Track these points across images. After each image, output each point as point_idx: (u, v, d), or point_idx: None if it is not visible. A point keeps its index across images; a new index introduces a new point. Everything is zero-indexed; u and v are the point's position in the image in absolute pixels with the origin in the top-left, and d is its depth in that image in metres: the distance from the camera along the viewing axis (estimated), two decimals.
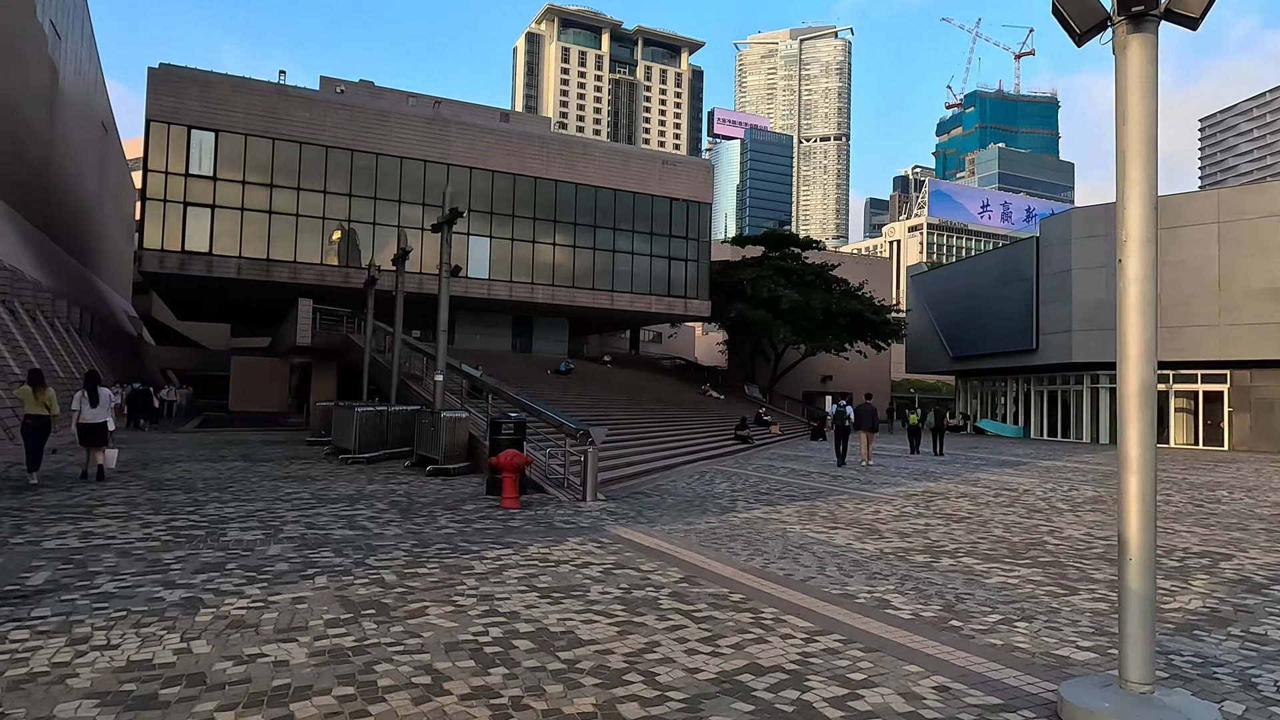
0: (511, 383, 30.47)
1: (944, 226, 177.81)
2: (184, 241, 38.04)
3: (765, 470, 18.13)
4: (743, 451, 24.53)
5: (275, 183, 39.41)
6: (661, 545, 8.10)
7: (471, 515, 9.70)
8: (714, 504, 11.79)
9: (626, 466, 16.24)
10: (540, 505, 10.76)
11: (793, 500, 12.56)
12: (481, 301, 44.14)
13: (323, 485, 12.33)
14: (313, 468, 15.07)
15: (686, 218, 48.19)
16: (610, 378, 40.00)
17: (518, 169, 43.77)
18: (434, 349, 24.37)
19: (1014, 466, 21.41)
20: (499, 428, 11.49)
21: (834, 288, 52.19)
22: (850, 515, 10.97)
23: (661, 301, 47.37)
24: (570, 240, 45.30)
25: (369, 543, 7.76)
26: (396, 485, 12.57)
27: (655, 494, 12.82)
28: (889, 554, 8.13)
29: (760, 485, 14.72)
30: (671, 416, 29.32)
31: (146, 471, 13.79)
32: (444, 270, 16.74)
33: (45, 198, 46.30)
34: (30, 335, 27.20)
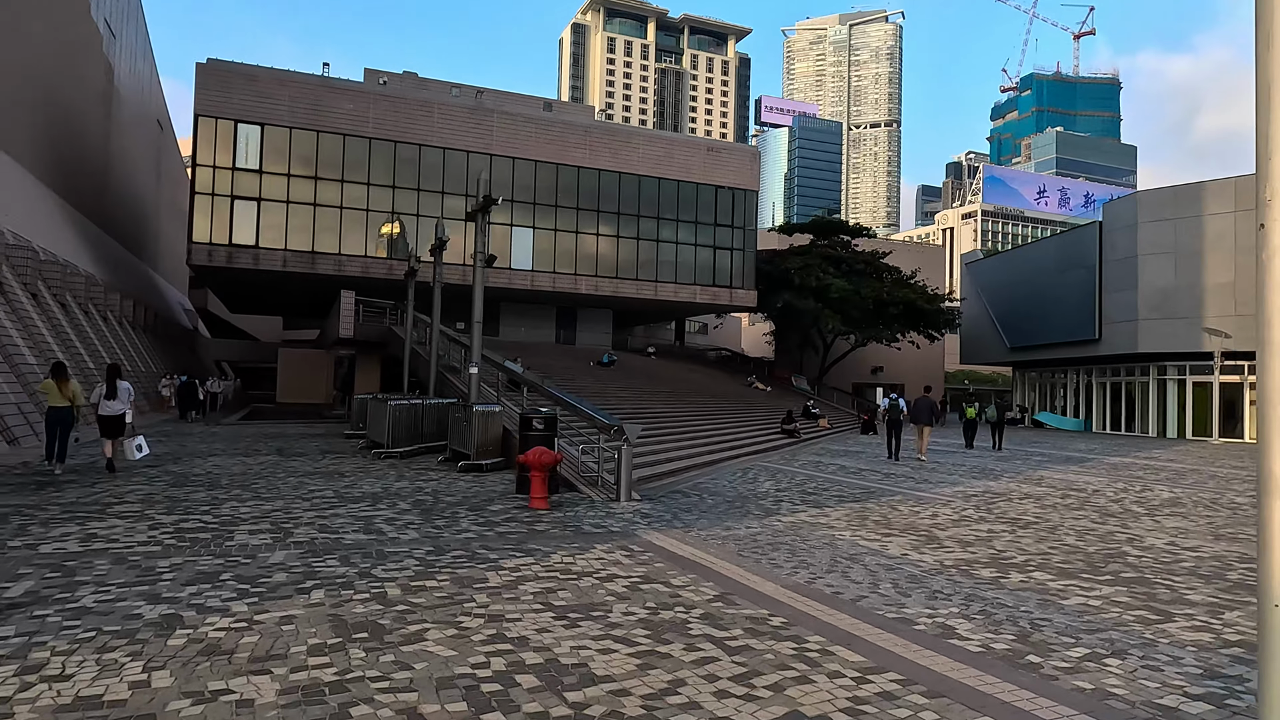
0: (553, 375, 30.02)
1: (999, 213, 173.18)
2: (231, 234, 38.40)
3: (813, 467, 17.29)
4: (789, 446, 23.68)
5: (320, 175, 39.52)
6: (696, 555, 7.40)
7: (496, 517, 9.13)
8: (756, 505, 11.05)
9: (666, 463, 15.56)
10: (571, 506, 10.14)
11: (842, 501, 11.75)
12: (524, 293, 43.82)
13: (349, 482, 11.90)
14: (344, 463, 14.70)
15: (732, 205, 47.22)
16: (653, 370, 39.35)
17: (560, 158, 43.28)
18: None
19: (1079, 463, 20.20)
20: (529, 423, 10.90)
21: (885, 276, 50.74)
22: (905, 520, 10.14)
23: (706, 291, 46.53)
24: (613, 230, 44.70)
25: (381, 549, 7.22)
26: (425, 482, 12.08)
27: (694, 493, 12.12)
28: (950, 567, 7.31)
29: (807, 484, 13.92)
30: (715, 410, 28.56)
31: (176, 466, 13.55)
32: (479, 260, 16.22)
33: (102, 194, 47.25)
34: (81, 328, 27.54)
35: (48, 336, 22.72)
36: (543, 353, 37.82)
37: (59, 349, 23.25)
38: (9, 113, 31.51)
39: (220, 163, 38.14)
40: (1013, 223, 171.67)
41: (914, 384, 65.50)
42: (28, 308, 22.42)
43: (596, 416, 11.41)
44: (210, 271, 41.01)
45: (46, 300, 24.88)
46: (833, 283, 46.49)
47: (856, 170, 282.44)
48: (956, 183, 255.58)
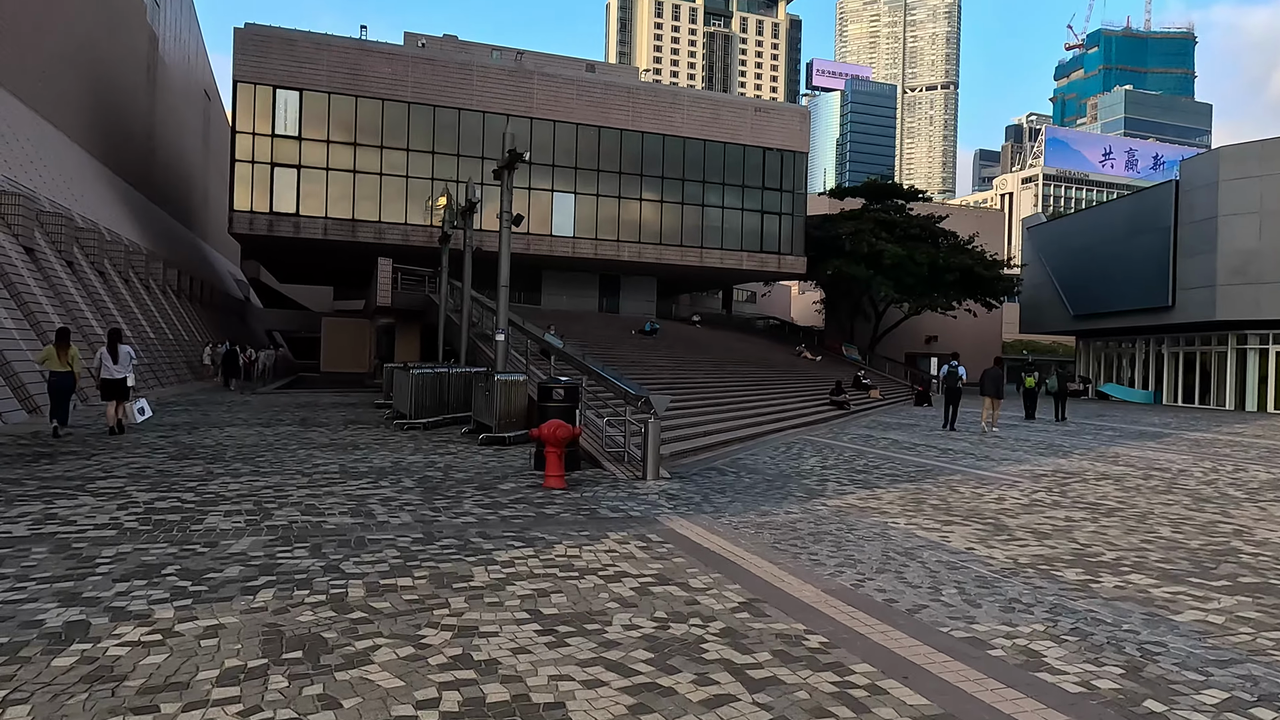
0: (592, 344, 29.11)
1: (1061, 177, 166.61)
2: (272, 202, 38.14)
3: (863, 441, 16.07)
4: (839, 419, 22.42)
5: (359, 141, 38.95)
6: (724, 547, 6.36)
7: (505, 497, 8.20)
8: (799, 485, 9.95)
9: (704, 436, 14.51)
10: (591, 485, 9.18)
11: (895, 481, 10.58)
12: (566, 260, 42.90)
13: (360, 456, 11.11)
14: (364, 434, 13.97)
15: (781, 168, 45.48)
16: (698, 338, 38.20)
17: (602, 121, 42.01)
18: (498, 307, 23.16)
19: (1156, 439, 18.59)
20: (548, 393, 9.94)
21: (941, 241, 48.58)
22: (968, 504, 8.95)
23: (754, 258, 45.06)
24: (657, 195, 43.39)
25: (364, 535, 6.33)
26: (441, 456, 11.23)
27: (731, 471, 11.06)
28: (1026, 566, 6.15)
29: (856, 460, 12.75)
30: (761, 380, 27.35)
31: (188, 436, 12.94)
32: (504, 220, 15.25)
33: (148, 162, 47.46)
34: (120, 296, 27.42)
35: (80, 304, 22.50)
36: (585, 321, 36.94)
37: (92, 316, 23.04)
38: (52, 81, 31.42)
39: (260, 129, 37.79)
40: (1076, 187, 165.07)
41: (970, 354, 63.04)
42: (60, 275, 22.18)
43: (622, 387, 10.40)
44: (252, 240, 40.91)
45: (83, 267, 24.70)
46: (886, 248, 44.57)
47: (911, 135, 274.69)
48: (1016, 146, 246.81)
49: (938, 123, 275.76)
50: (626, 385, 10.35)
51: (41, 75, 29.52)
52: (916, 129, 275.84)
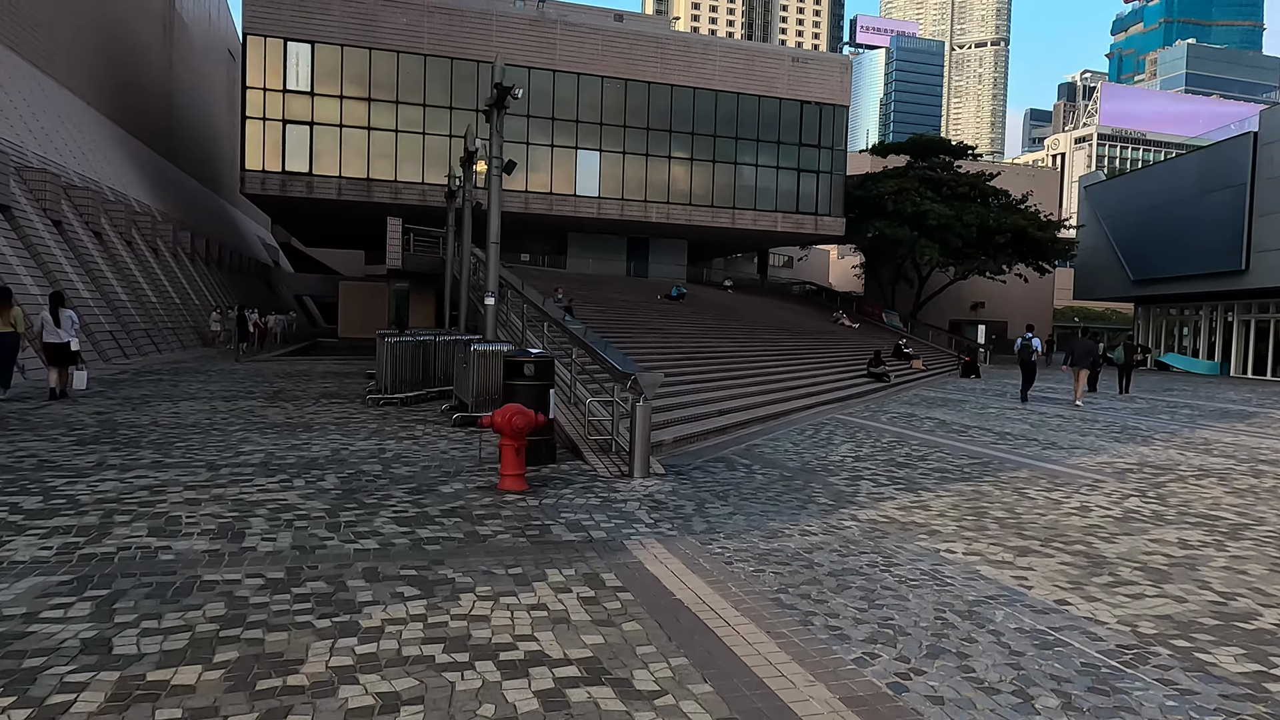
0: (613, 309, 27.22)
1: (1117, 136, 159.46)
2: (284, 162, 36.59)
3: (905, 421, 13.98)
4: (877, 393, 20.27)
5: (374, 96, 37.13)
6: (704, 601, 4.44)
7: (440, 505, 6.36)
8: (823, 486, 7.96)
9: (719, 416, 12.56)
10: (560, 485, 7.31)
11: (945, 478, 8.55)
12: (591, 222, 40.87)
13: (304, 440, 9.37)
14: (330, 411, 12.26)
15: (819, 123, 42.71)
16: (728, 304, 36.05)
17: (629, 73, 39.61)
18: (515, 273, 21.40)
19: (1243, 419, 16.21)
20: (516, 368, 8.05)
21: (991, 201, 45.54)
22: (1044, 516, 6.90)
23: (789, 220, 42.56)
24: (687, 152, 41.00)
25: (200, 574, 4.53)
26: (398, 441, 9.44)
27: (743, 462, 9.12)
28: (1153, 640, 4.14)
29: (897, 448, 10.70)
30: (793, 349, 25.22)
31: (128, 411, 11.33)
32: (494, 167, 13.30)
33: (168, 124, 46.21)
34: (118, 259, 26.10)
35: (65, 265, 21.12)
36: (609, 286, 34.98)
37: (78, 279, 21.67)
38: (60, 37, 30.05)
39: (271, 85, 36.16)
40: (1133, 146, 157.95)
41: (1018, 321, 59.90)
42: (43, 234, 20.79)
43: (609, 360, 8.46)
44: (265, 201, 39.49)
45: (73, 227, 23.33)
46: (931, 208, 41.76)
47: (958, 94, 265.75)
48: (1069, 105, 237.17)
49: (987, 81, 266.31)
50: (613, 359, 8.42)
51: (41, 26, 28.12)
52: (964, 87, 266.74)
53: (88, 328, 20.41)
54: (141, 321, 25.02)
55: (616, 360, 8.39)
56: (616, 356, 8.65)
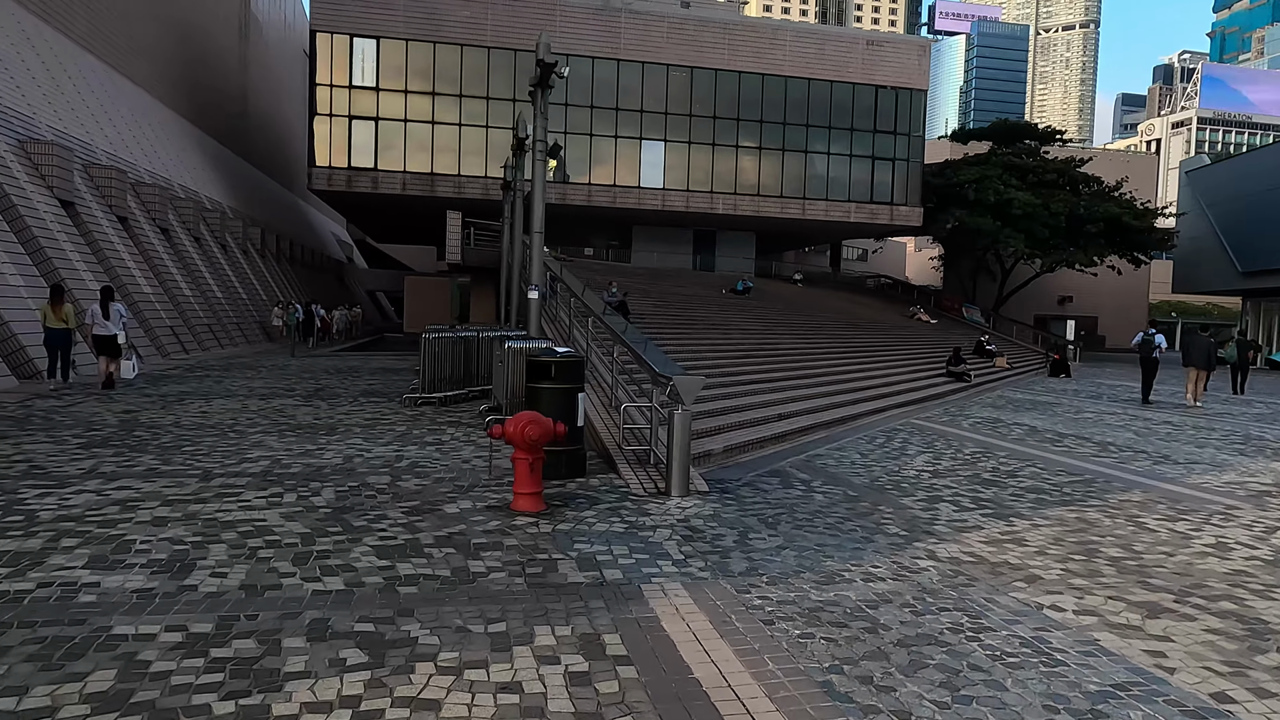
0: (674, 303, 26.20)
1: (1219, 120, 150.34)
2: (350, 157, 36.70)
3: (989, 428, 12.57)
4: (958, 394, 18.73)
5: (437, 90, 36.90)
6: (730, 676, 3.38)
7: (437, 530, 5.45)
8: (894, 509, 6.79)
9: (778, 421, 11.41)
10: (585, 504, 6.33)
11: (1042, 501, 7.27)
12: (655, 214, 39.85)
13: (321, 445, 8.65)
14: (364, 411, 11.58)
15: (895, 109, 40.72)
16: (797, 298, 34.59)
17: (695, 61, 38.42)
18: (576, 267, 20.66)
19: None
20: (541, 369, 7.10)
21: (1082, 188, 42.76)
22: (1170, 557, 5.60)
23: (863, 210, 40.72)
24: (755, 141, 39.59)
25: (96, 627, 3.71)
26: (419, 448, 8.63)
27: (801, 478, 7.99)
28: None
29: (981, 461, 9.39)
30: (865, 346, 23.76)
31: (156, 409, 10.85)
32: (538, 151, 12.45)
33: (243, 123, 47.09)
34: (184, 254, 26.32)
35: (127, 260, 21.20)
36: (672, 279, 33.92)
37: (139, 273, 21.76)
38: (135, 37, 30.62)
39: (337, 81, 36.27)
40: (1237, 130, 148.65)
41: (1111, 317, 56.57)
42: (106, 229, 20.90)
43: (647, 362, 7.45)
44: (332, 196, 39.77)
45: (139, 222, 23.51)
46: (1016, 196, 39.38)
47: (1044, 80, 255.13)
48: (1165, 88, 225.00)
49: (1075, 65, 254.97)
50: (652, 359, 7.39)
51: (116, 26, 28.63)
52: (1050, 73, 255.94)
53: (146, 322, 20.45)
54: (204, 316, 25.13)
55: (656, 361, 7.37)
56: (656, 356, 7.62)
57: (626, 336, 8.61)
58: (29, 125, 19.76)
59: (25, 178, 18.13)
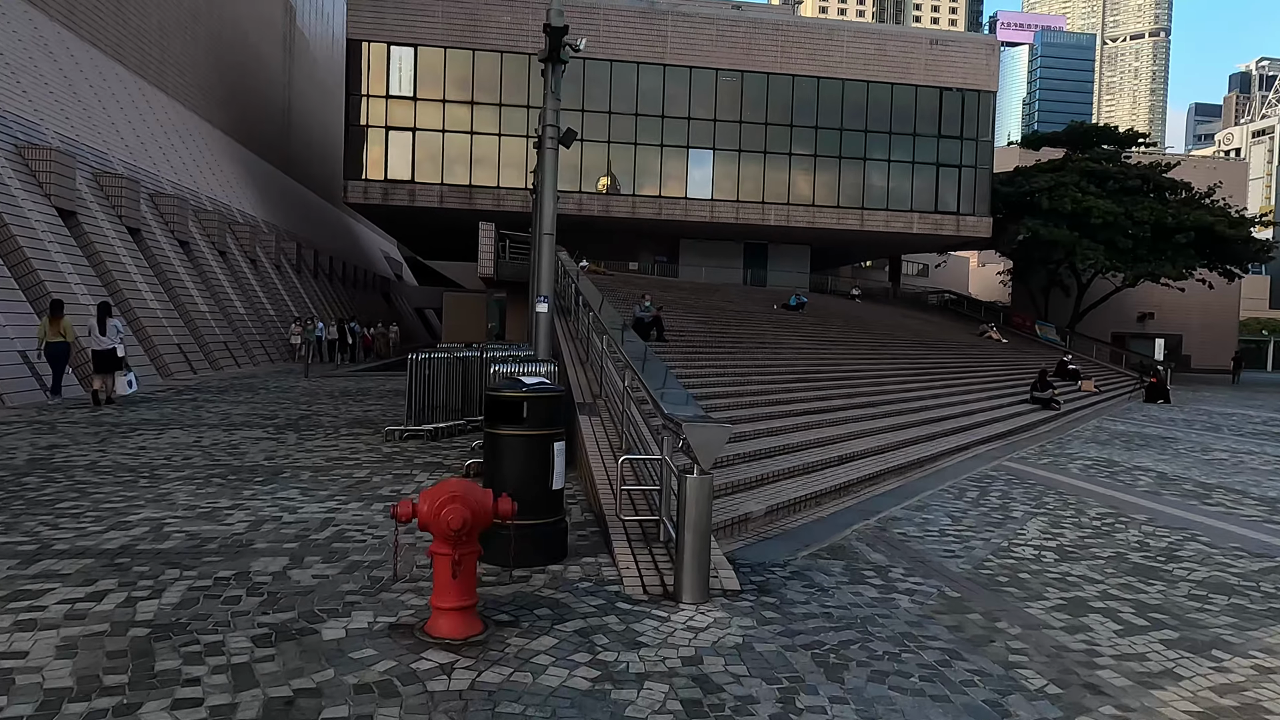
0: (719, 319, 23.95)
1: None
2: (387, 170, 35.44)
3: (1107, 475, 10.04)
4: (1047, 423, 16.10)
5: (476, 99, 35.45)
6: None
7: (274, 688, 3.35)
8: (1022, 629, 4.46)
9: (840, 465, 9.11)
10: (547, 620, 4.15)
11: (1242, 610, 4.87)
12: (704, 227, 37.70)
13: (241, 500, 6.67)
14: (335, 447, 9.63)
15: (962, 112, 37.97)
16: (854, 314, 32.02)
17: (746, 64, 36.31)
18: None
19: None
20: (504, 409, 4.99)
21: (1168, 195, 39.33)
22: None
23: (926, 220, 37.96)
24: (810, 149, 37.22)
25: None
26: (363, 506, 6.56)
27: (874, 559, 5.71)
28: None
29: (1118, 529, 6.97)
30: (935, 368, 21.19)
31: (97, 442, 9.06)
32: (548, 135, 10.45)
33: (285, 138, 46.51)
34: (206, 268, 25.08)
35: (133, 274, 19.85)
36: (720, 293, 31.67)
37: (147, 290, 20.40)
38: (171, 51, 29.84)
39: (374, 91, 35.11)
40: None
41: (1196, 335, 52.40)
42: (111, 240, 19.58)
43: (655, 399, 5.28)
44: (369, 210, 38.60)
45: (154, 235, 22.25)
46: (1095, 204, 36.24)
47: (1111, 91, 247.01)
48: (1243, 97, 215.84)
49: (1144, 75, 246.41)
50: (666, 394, 5.22)
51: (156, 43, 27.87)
52: (1118, 84, 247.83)
53: (150, 339, 19.03)
54: (222, 333, 23.74)
55: (671, 398, 5.19)
56: (673, 391, 5.44)
57: (639, 361, 6.45)
58: (31, 131, 18.56)
59: (18, 184, 16.85)
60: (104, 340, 13.09)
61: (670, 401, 5.08)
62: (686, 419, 4.46)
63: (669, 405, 4.97)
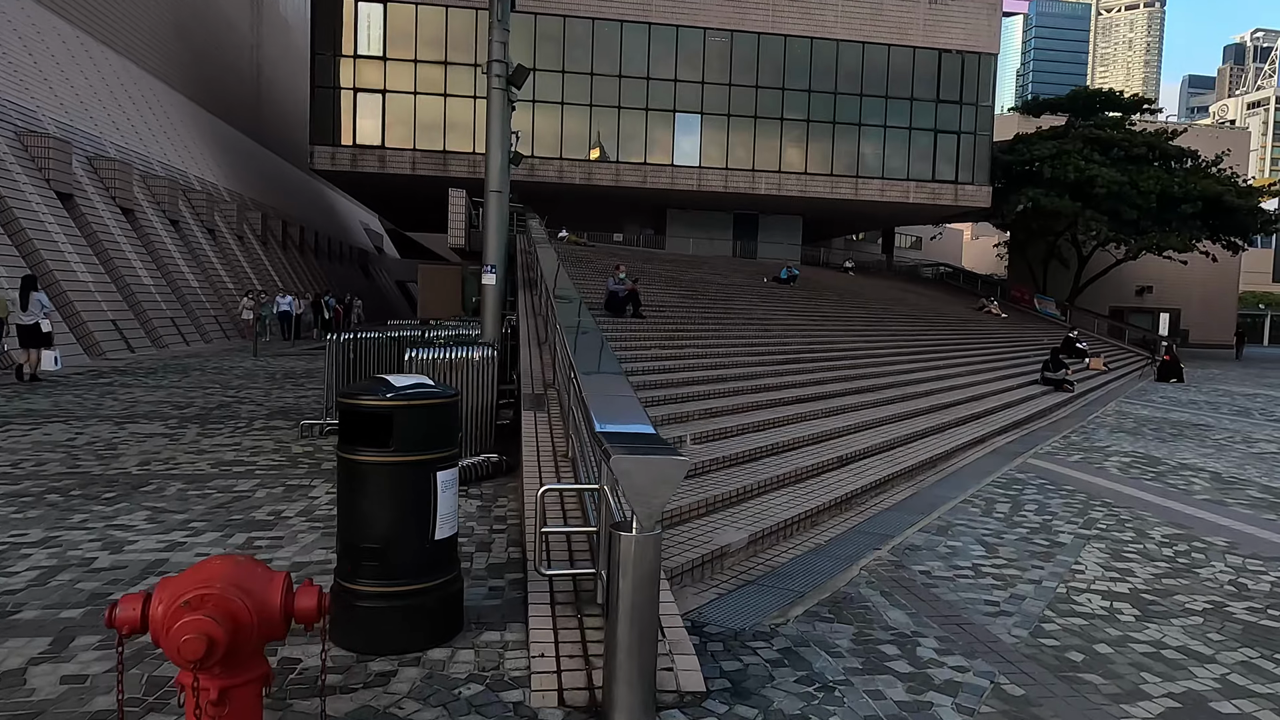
0: (707, 293, 22.33)
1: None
2: (355, 134, 33.46)
3: (1153, 476, 8.55)
4: (1062, 407, 14.62)
5: (450, 59, 33.44)
6: None
7: None
8: None
9: (840, 468, 7.57)
10: None
11: None
12: (691, 196, 35.90)
13: (47, 534, 5.08)
14: (231, 448, 8.03)
15: (962, 76, 36.20)
16: (848, 288, 30.44)
17: (735, 23, 34.35)
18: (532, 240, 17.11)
19: None
20: (363, 426, 3.42)
21: (1174, 164, 37.74)
22: None
23: (923, 189, 36.27)
24: (802, 114, 35.39)
25: None
26: (215, 540, 5.00)
27: (892, 621, 4.18)
28: None
29: (1199, 564, 5.46)
30: (934, 344, 19.67)
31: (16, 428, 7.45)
32: (492, 70, 8.75)
33: (256, 104, 44.30)
34: (156, 239, 23.25)
35: (61, 246, 18.06)
36: (708, 266, 30.01)
37: (75, 260, 18.62)
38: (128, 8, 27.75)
39: (341, 50, 33.04)
40: None
41: (1195, 309, 51.01)
42: (38, 215, 17.75)
43: (587, 408, 3.68)
44: (337, 177, 36.60)
45: (89, 200, 20.40)
46: (1100, 173, 34.63)
47: (1105, 62, 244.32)
48: (1237, 68, 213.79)
49: (1138, 46, 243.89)
50: (593, 401, 3.64)
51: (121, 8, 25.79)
52: (1112, 54, 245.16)
53: (78, 315, 17.30)
54: (168, 309, 21.95)
55: (612, 405, 3.60)
56: (617, 395, 3.86)
57: (575, 346, 4.85)
58: None
59: None
60: (23, 316, 12.71)
61: (606, 411, 3.49)
62: (619, 446, 2.86)
63: (602, 417, 3.38)
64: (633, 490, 2.71)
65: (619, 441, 2.96)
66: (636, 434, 3.14)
